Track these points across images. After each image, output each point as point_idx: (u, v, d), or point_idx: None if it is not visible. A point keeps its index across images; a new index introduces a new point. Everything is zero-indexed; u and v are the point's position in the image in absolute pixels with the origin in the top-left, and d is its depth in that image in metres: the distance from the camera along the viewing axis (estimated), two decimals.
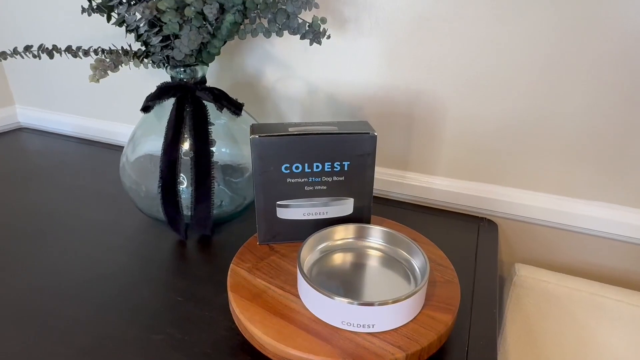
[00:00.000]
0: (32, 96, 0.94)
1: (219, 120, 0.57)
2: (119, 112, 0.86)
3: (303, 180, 0.45)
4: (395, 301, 0.35)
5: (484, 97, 0.58)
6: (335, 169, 0.45)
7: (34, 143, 0.89)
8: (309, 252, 0.43)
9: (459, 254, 0.54)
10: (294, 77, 0.68)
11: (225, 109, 0.56)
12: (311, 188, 0.45)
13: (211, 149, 0.56)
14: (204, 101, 0.55)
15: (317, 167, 0.44)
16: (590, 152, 0.56)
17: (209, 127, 0.54)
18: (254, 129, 0.44)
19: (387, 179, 0.67)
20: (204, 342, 0.41)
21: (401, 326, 0.37)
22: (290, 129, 0.43)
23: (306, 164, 0.44)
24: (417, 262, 0.41)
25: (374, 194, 0.69)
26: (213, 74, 0.73)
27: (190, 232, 0.58)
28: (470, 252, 0.56)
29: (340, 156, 0.44)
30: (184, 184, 0.56)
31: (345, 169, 0.45)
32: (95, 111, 0.88)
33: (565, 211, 0.59)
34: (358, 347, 0.35)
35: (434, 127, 0.62)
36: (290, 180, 0.44)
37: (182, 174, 0.55)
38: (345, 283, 0.40)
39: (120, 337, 0.41)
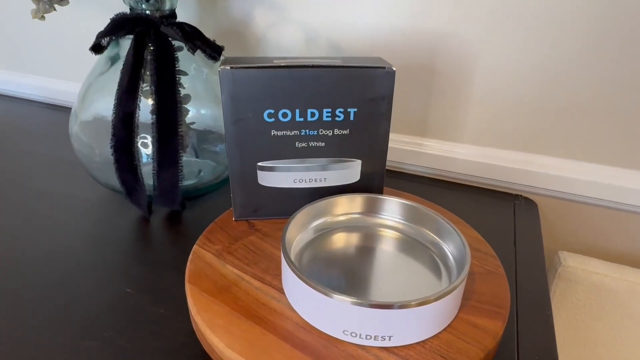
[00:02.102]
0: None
1: (198, 73, 0.46)
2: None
3: (293, 133, 0.33)
4: (422, 302, 0.23)
5: (526, 44, 0.45)
6: (337, 119, 0.33)
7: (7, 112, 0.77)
8: (300, 231, 0.31)
9: (492, 240, 0.42)
10: (288, 21, 0.55)
11: (200, 53, 0.44)
12: (304, 145, 0.33)
13: (184, 106, 0.45)
14: (172, 41, 0.43)
15: (313, 115, 0.32)
16: None
17: (178, 76, 0.42)
18: (226, 60, 0.32)
19: (400, 147, 0.55)
20: (153, 353, 0.30)
21: (430, 338, 0.25)
22: (275, 62, 0.31)
23: (297, 111, 0.32)
24: (451, 247, 0.30)
25: None
26: (192, 22, 0.60)
27: (156, 207, 0.47)
28: (506, 237, 0.44)
29: (345, 100, 0.32)
30: (149, 147, 0.45)
31: (351, 118, 0.33)
32: (64, 72, 0.76)
33: (623, 186, 0.47)
34: None
35: (460, 83, 0.50)
36: (275, 132, 0.33)
37: (146, 135, 0.44)
38: (349, 275, 0.29)
39: (39, 344, 0.30)
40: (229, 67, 0.30)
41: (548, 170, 0.50)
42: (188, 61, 0.45)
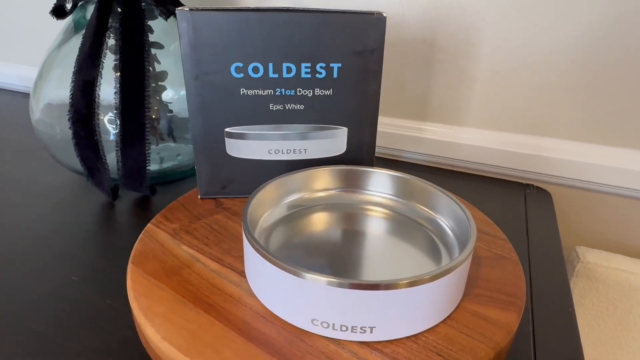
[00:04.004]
0: None
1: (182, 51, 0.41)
2: None
3: (266, 92, 0.28)
4: (413, 282, 0.18)
5: (536, 15, 0.40)
6: (317, 76, 0.28)
7: None
8: (269, 207, 0.26)
9: (503, 231, 0.37)
10: None
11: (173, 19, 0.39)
12: (280, 107, 0.28)
13: (160, 83, 0.41)
14: (144, 7, 0.39)
15: (289, 70, 0.27)
16: None
17: (154, 50, 0.38)
18: (187, 6, 0.27)
19: (398, 132, 0.50)
20: (87, 349, 0.24)
21: (425, 331, 0.20)
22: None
23: (270, 65, 0.27)
24: (450, 222, 0.24)
25: (378, 154, 0.53)
26: None
27: (124, 193, 0.42)
28: (517, 229, 0.39)
29: (327, 53, 0.27)
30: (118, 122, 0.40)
31: (335, 75, 0.28)
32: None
33: None
34: None
35: (465, 59, 0.45)
36: (245, 91, 0.28)
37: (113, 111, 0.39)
38: (328, 259, 0.23)
39: None
40: (187, 9, 0.25)
41: (562, 156, 0.44)
42: (169, 38, 0.41)
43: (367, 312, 0.18)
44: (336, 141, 0.30)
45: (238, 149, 0.29)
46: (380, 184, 0.28)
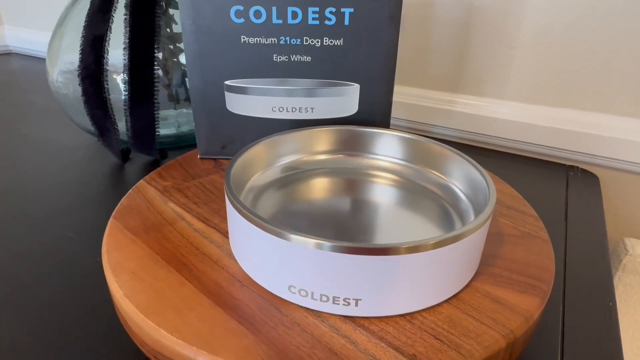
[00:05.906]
0: (22, 15, 0.81)
1: None
2: None
3: (269, 41, 0.25)
4: (413, 248, 0.15)
5: None
6: (327, 22, 0.25)
7: (24, 69, 0.75)
8: (261, 167, 0.24)
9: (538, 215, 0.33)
10: None
11: None
12: (284, 58, 0.26)
13: (178, 45, 0.39)
14: None
15: (295, 15, 0.24)
16: None
17: (161, 2, 0.36)
18: None
19: (427, 105, 0.46)
20: (66, 306, 0.23)
21: (423, 310, 0.17)
22: None
23: (274, 9, 0.24)
24: (465, 187, 0.21)
25: (403, 128, 0.49)
26: None
27: (136, 156, 0.41)
28: (555, 213, 0.34)
29: None
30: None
31: (346, 22, 0.25)
32: None
33: None
34: (315, 347, 0.15)
35: (504, 22, 0.40)
36: (245, 39, 0.25)
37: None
38: (326, 228, 0.21)
39: None
40: None
41: (614, 134, 0.39)
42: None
43: (349, 280, 0.15)
44: (347, 99, 0.27)
45: (239, 104, 0.27)
46: (386, 147, 0.25)
